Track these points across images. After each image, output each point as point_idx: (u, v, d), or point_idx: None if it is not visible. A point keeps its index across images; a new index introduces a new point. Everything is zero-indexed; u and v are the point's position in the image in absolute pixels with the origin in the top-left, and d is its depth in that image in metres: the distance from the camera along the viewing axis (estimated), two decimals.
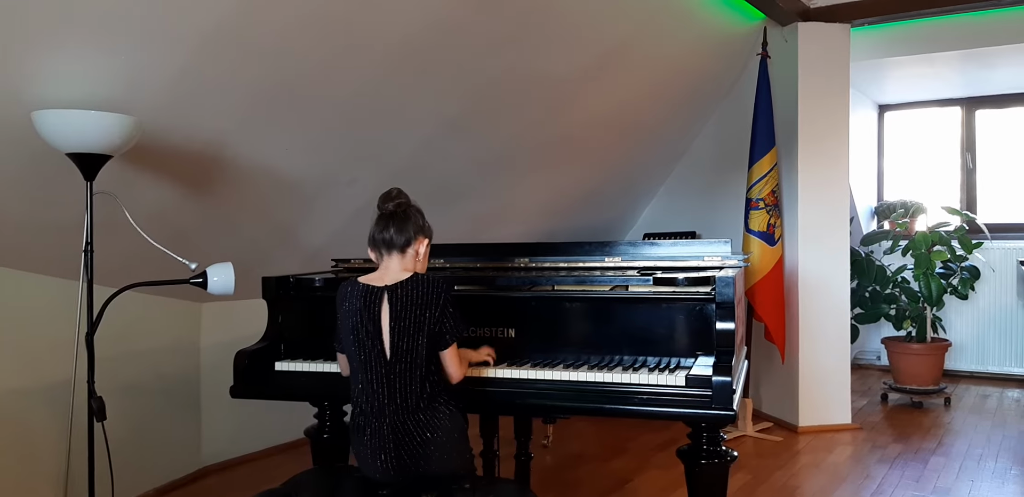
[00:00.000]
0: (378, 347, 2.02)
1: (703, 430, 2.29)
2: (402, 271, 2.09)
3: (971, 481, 3.53)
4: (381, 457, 1.99)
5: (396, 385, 2.01)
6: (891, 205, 5.97)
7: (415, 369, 2.02)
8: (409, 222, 2.11)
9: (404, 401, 2.00)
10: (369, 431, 2.01)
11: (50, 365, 2.89)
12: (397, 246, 2.09)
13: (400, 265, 2.10)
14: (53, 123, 2.22)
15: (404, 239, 2.09)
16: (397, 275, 2.08)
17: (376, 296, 2.05)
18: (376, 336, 2.02)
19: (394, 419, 2.00)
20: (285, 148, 3.07)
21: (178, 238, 2.95)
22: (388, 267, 2.11)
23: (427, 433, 1.99)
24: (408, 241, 2.10)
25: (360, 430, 2.04)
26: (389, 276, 2.08)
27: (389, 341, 2.02)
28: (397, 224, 2.09)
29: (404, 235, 2.09)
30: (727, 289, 2.16)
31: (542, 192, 4.63)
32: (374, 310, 2.03)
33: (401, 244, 2.09)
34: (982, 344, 5.79)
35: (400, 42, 2.93)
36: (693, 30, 4.12)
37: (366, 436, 2.01)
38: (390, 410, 2.00)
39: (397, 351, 2.01)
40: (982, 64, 5.13)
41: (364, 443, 2.02)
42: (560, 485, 3.53)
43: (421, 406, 2.01)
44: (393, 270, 2.09)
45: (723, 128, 5.04)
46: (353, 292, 2.08)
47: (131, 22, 2.23)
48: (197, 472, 3.66)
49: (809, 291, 4.42)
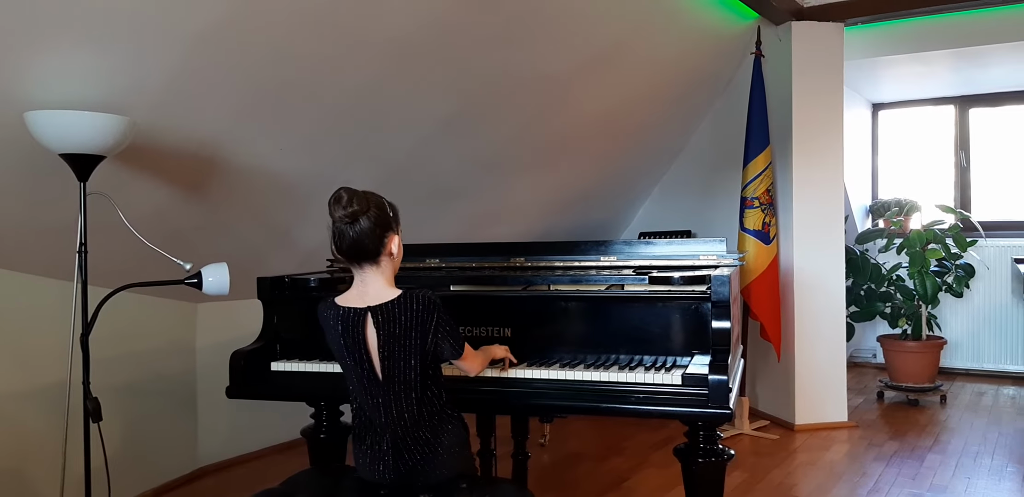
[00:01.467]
0: (369, 371, 1.91)
1: (699, 429, 2.30)
2: (385, 287, 1.91)
3: (967, 478, 3.54)
4: (379, 467, 1.95)
5: (392, 406, 1.92)
6: (886, 203, 5.98)
7: (410, 391, 1.92)
8: (370, 226, 1.87)
9: (402, 420, 1.93)
10: (368, 441, 1.97)
11: (45, 366, 2.88)
12: (368, 257, 1.90)
13: (380, 278, 1.92)
14: (46, 124, 2.21)
15: (373, 248, 1.89)
16: (379, 293, 1.90)
17: (359, 319, 1.88)
18: (366, 360, 1.90)
19: (394, 435, 1.93)
20: (280, 148, 3.07)
21: (173, 239, 2.95)
22: (365, 282, 1.92)
23: (427, 449, 1.94)
24: (378, 249, 1.89)
25: (360, 438, 1.99)
26: (370, 295, 1.90)
27: (380, 364, 1.90)
28: (357, 233, 1.86)
29: (371, 243, 1.88)
30: (722, 288, 2.17)
31: (538, 191, 4.64)
32: (358, 334, 1.88)
33: (372, 252, 1.89)
34: (977, 342, 5.81)
35: (395, 43, 2.93)
36: (687, 29, 4.12)
37: (365, 444, 1.97)
38: (390, 428, 1.94)
39: (389, 373, 1.90)
40: (975, 62, 5.15)
41: (363, 451, 1.98)
42: (557, 484, 3.53)
43: (422, 423, 1.94)
44: (373, 286, 1.91)
45: (718, 127, 5.04)
46: (334, 317, 1.90)
47: (125, 22, 2.22)
48: (194, 473, 3.66)
49: (804, 289, 4.43)
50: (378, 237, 1.89)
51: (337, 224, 1.87)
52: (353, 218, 1.85)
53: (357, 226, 1.86)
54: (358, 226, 1.86)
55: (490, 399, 2.27)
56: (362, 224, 1.86)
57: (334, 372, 2.40)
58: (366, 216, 1.87)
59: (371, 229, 1.87)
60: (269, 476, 3.35)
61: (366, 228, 1.86)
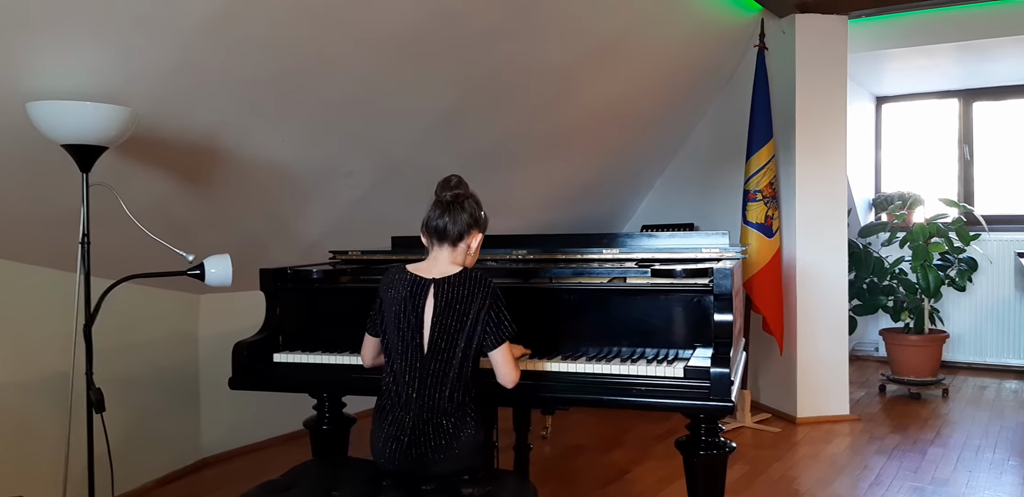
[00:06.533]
0: (417, 340, 1.99)
1: (701, 421, 2.30)
2: (451, 264, 2.05)
3: (969, 472, 3.54)
4: (392, 446, 1.96)
5: (428, 381, 1.97)
6: (889, 197, 5.97)
7: (448, 369, 1.98)
8: (464, 214, 2.05)
9: (431, 400, 1.96)
10: (391, 418, 1.99)
11: (48, 357, 2.89)
12: (449, 238, 2.04)
13: (450, 258, 2.06)
14: (48, 114, 2.20)
15: (457, 232, 2.04)
16: (446, 268, 2.04)
17: (422, 288, 2.01)
18: (417, 328, 1.99)
19: (419, 414, 1.96)
20: (282, 140, 3.06)
21: (175, 230, 2.95)
22: (437, 258, 2.06)
23: (443, 441, 1.95)
24: (461, 235, 2.05)
25: (383, 413, 2.02)
26: (437, 268, 2.04)
27: (428, 336, 1.99)
28: (452, 215, 2.03)
29: (458, 227, 2.04)
30: (725, 281, 2.16)
31: (540, 184, 4.63)
32: (419, 302, 2.00)
33: (454, 237, 2.04)
34: (980, 335, 5.80)
35: (397, 33, 2.92)
36: (690, 22, 4.11)
37: (386, 421, 1.99)
38: (416, 405, 1.97)
39: (435, 347, 1.98)
40: (980, 56, 5.13)
41: (382, 427, 2.00)
42: (559, 476, 3.54)
43: (449, 410, 1.97)
44: (442, 262, 2.05)
45: (720, 120, 5.03)
46: (401, 280, 2.03)
47: (126, 13, 2.22)
48: (196, 463, 3.67)
49: (807, 283, 4.43)
50: (466, 224, 2.05)
51: (439, 200, 2.05)
52: (455, 198, 2.04)
53: (453, 209, 2.04)
54: (454, 209, 2.04)
55: (492, 391, 2.26)
56: (457, 209, 2.04)
57: (336, 364, 2.41)
58: (464, 203, 2.06)
59: (461, 216, 2.04)
60: (271, 467, 3.36)
61: (458, 213, 2.04)
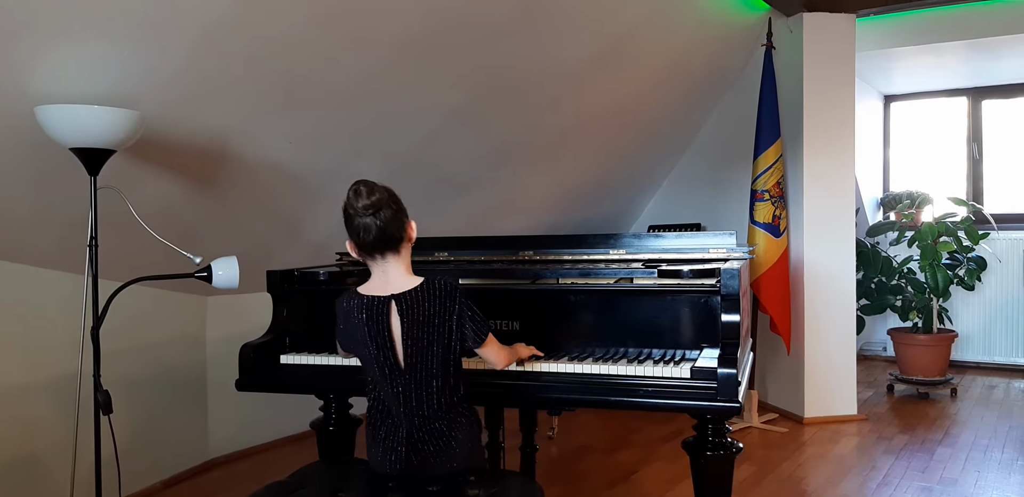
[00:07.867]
0: (391, 359, 1.92)
1: (708, 422, 2.29)
2: (405, 274, 1.95)
3: (977, 472, 3.53)
4: (391, 457, 1.95)
5: (412, 395, 1.93)
6: (897, 196, 5.94)
7: (431, 379, 1.93)
8: (389, 211, 1.89)
9: (420, 410, 1.94)
10: (384, 430, 1.97)
11: (56, 359, 2.90)
12: (392, 246, 1.92)
13: (401, 266, 1.95)
14: (56, 118, 2.21)
15: (398, 235, 1.92)
16: (402, 281, 1.93)
17: (383, 307, 1.91)
18: (389, 347, 1.91)
19: (410, 426, 1.94)
20: (290, 142, 3.07)
21: (183, 232, 2.96)
22: (387, 272, 1.94)
23: (441, 441, 1.94)
24: (401, 236, 1.93)
25: (375, 427, 1.99)
26: (392, 283, 1.93)
27: (403, 352, 1.91)
28: (382, 222, 1.88)
29: (394, 229, 1.91)
30: (732, 281, 2.16)
31: (546, 184, 4.63)
32: (383, 322, 1.90)
33: (396, 242, 1.92)
34: (989, 335, 5.78)
35: (405, 32, 2.92)
36: (698, 20, 4.10)
37: (380, 434, 1.98)
38: (407, 418, 1.95)
39: (411, 361, 1.92)
40: (989, 54, 5.10)
41: (377, 441, 1.98)
42: (565, 477, 3.54)
43: (440, 415, 1.95)
44: (395, 275, 1.94)
45: (728, 119, 5.02)
46: (357, 306, 1.92)
47: (134, 15, 2.22)
48: (203, 465, 3.68)
49: (815, 282, 4.41)
50: (401, 224, 1.93)
51: (360, 217, 1.88)
52: (377, 208, 1.87)
53: (382, 215, 1.88)
54: (383, 215, 1.88)
55: (499, 392, 2.27)
56: (385, 213, 1.89)
57: (343, 365, 2.41)
58: (387, 205, 1.89)
59: (394, 217, 1.90)
60: (278, 468, 3.37)
61: (389, 216, 1.89)
